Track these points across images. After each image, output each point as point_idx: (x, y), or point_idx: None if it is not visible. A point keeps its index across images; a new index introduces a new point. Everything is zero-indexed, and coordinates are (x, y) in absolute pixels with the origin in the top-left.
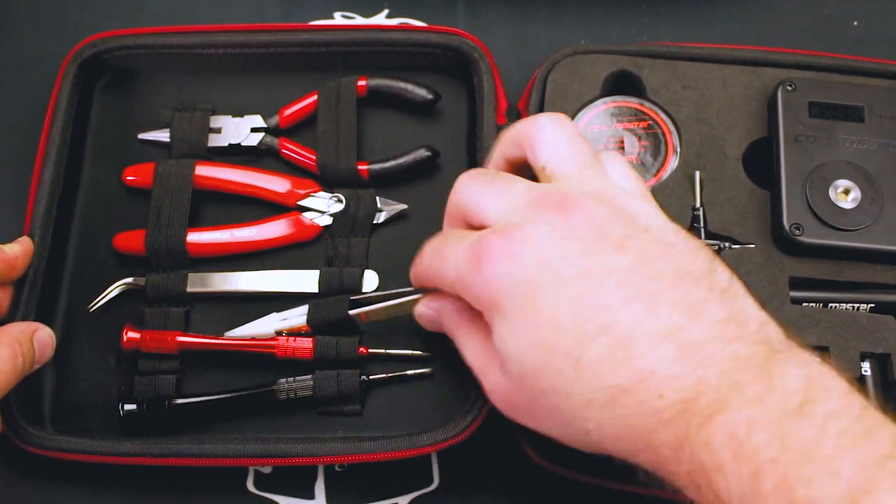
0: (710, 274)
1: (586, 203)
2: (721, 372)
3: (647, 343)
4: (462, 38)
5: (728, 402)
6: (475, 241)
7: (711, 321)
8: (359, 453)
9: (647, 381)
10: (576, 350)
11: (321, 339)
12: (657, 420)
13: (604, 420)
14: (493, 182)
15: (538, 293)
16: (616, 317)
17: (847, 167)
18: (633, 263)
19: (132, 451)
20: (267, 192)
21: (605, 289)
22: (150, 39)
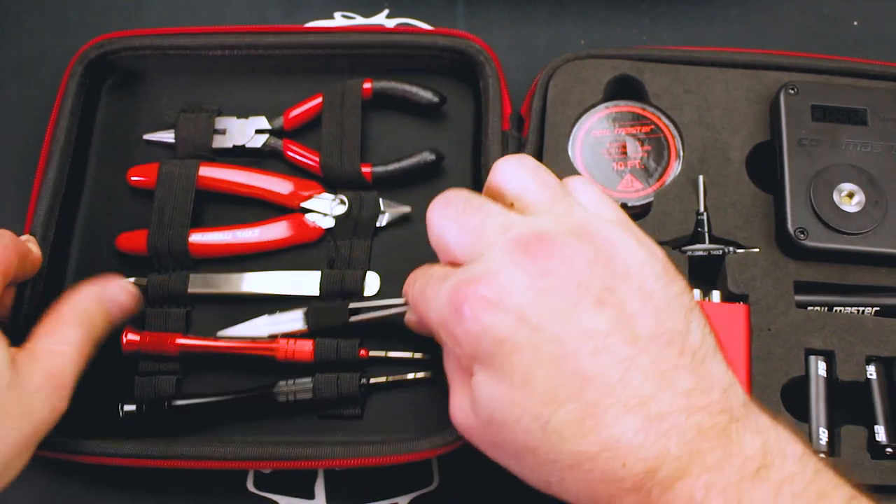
0: (684, 334)
1: (564, 244)
2: (683, 442)
3: (614, 413)
4: (469, 42)
5: (688, 470)
6: (454, 287)
7: (678, 391)
8: (358, 457)
9: (611, 450)
10: (545, 413)
11: (321, 342)
12: (619, 487)
13: (566, 479)
14: (465, 217)
15: (514, 352)
16: (588, 384)
17: (851, 170)
18: (610, 326)
19: (131, 453)
20: (270, 194)
21: (580, 355)
22: (157, 40)
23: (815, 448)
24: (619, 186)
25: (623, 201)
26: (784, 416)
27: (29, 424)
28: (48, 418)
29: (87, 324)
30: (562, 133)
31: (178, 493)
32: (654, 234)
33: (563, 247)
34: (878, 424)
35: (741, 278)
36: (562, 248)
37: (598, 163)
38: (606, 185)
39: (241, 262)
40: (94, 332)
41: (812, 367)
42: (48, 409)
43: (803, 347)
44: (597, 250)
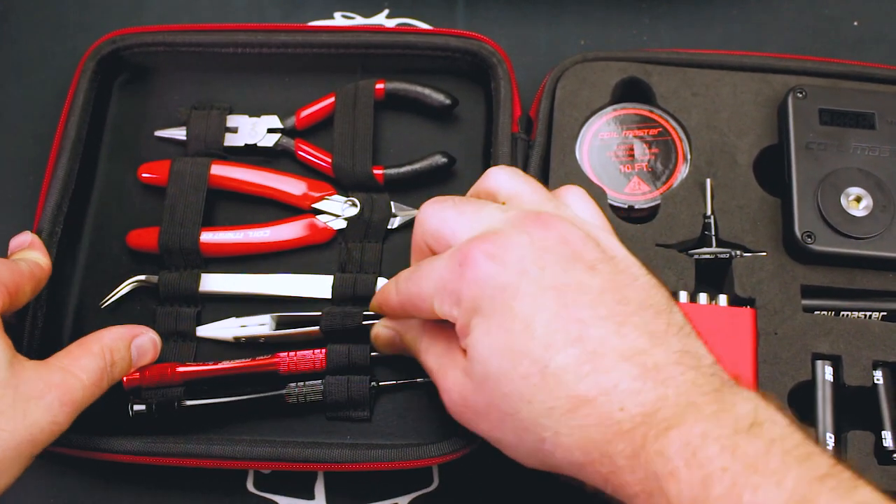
0: (669, 311)
1: (561, 222)
2: (679, 392)
3: (612, 359)
4: (482, 44)
5: (684, 417)
6: (457, 248)
7: (671, 350)
8: (367, 461)
9: (609, 394)
10: (544, 357)
11: (333, 348)
12: (616, 430)
13: (561, 428)
14: (462, 205)
15: (516, 298)
16: (586, 331)
17: (858, 174)
18: (604, 285)
19: (141, 450)
20: (282, 194)
21: (579, 304)
22: (169, 37)
23: None
24: (627, 189)
25: (630, 204)
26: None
27: (24, 429)
28: (46, 429)
29: (108, 360)
30: (569, 135)
31: (179, 493)
32: (661, 237)
33: (559, 223)
34: (885, 430)
35: (748, 282)
36: (558, 224)
37: (605, 165)
38: (613, 188)
39: (252, 261)
40: (114, 372)
41: (819, 371)
42: (48, 418)
43: (810, 352)
44: (587, 234)
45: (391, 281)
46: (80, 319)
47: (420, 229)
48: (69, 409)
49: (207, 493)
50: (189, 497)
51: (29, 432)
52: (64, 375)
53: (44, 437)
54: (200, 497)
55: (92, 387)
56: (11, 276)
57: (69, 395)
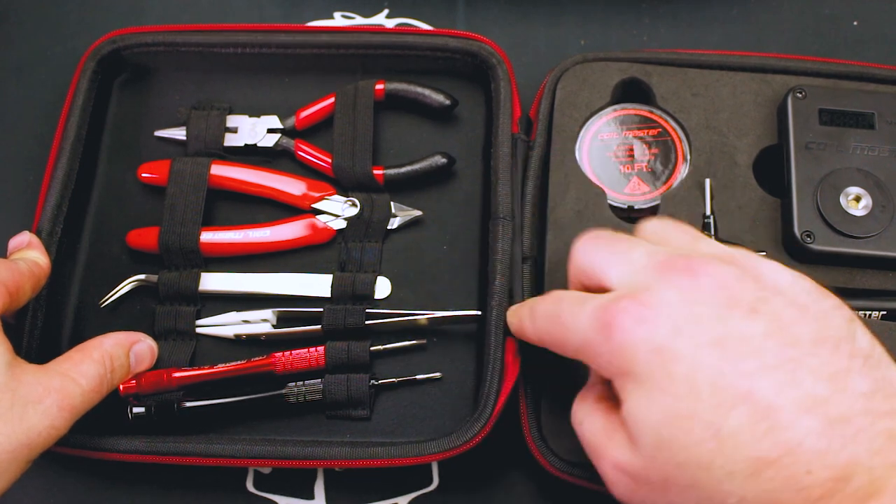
0: (850, 339)
1: (711, 264)
2: (873, 450)
3: (790, 413)
4: (482, 44)
5: (883, 485)
6: (602, 306)
7: (857, 393)
8: (366, 458)
9: (794, 455)
10: (716, 419)
11: (332, 345)
12: (805, 497)
13: (747, 494)
14: (614, 244)
15: (674, 360)
16: (755, 384)
17: (858, 174)
18: (768, 329)
19: (141, 449)
20: (282, 194)
21: (742, 356)
22: (169, 37)
23: None
24: (626, 189)
25: (630, 204)
26: None
27: (21, 433)
28: (44, 433)
29: (108, 367)
30: (569, 136)
31: (179, 493)
32: None
33: (710, 265)
34: None
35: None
36: (709, 267)
37: (605, 165)
38: (613, 188)
39: (252, 261)
40: (113, 378)
41: None
42: (45, 423)
43: None
44: (743, 270)
45: (526, 305)
46: (80, 319)
47: (572, 263)
48: (67, 415)
49: (207, 493)
50: (189, 497)
51: (27, 436)
52: (63, 380)
53: (41, 442)
54: (200, 497)
55: (91, 392)
56: (11, 276)
57: (68, 400)
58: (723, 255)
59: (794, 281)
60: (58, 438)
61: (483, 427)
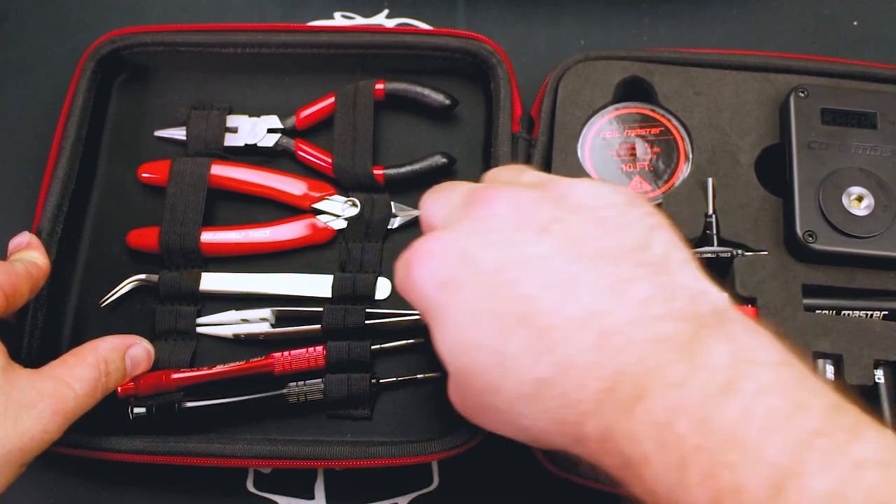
0: (641, 249)
1: (510, 191)
2: (641, 357)
3: (564, 331)
4: (481, 44)
5: (649, 389)
6: (408, 250)
7: (633, 301)
8: (367, 458)
9: (567, 373)
10: (498, 345)
11: (333, 345)
12: (580, 412)
13: (534, 414)
14: (440, 190)
15: (458, 291)
16: (533, 306)
17: (860, 174)
18: (553, 249)
19: (141, 449)
20: (282, 194)
21: (521, 279)
22: (169, 37)
23: None
24: (628, 188)
25: None
26: None
27: (14, 437)
28: (37, 437)
29: (103, 371)
30: (571, 134)
31: (179, 493)
32: None
33: (511, 192)
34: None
35: (749, 281)
36: (510, 194)
37: (607, 164)
38: None
39: (252, 261)
40: (108, 382)
41: (820, 370)
42: (38, 427)
43: (811, 351)
44: (546, 192)
45: None
46: (80, 319)
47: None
48: (61, 419)
49: (207, 493)
50: (189, 497)
51: (20, 440)
52: (57, 384)
53: (34, 446)
54: (200, 497)
55: (85, 397)
56: (7, 278)
57: (61, 405)
58: (534, 181)
59: (601, 196)
60: (51, 443)
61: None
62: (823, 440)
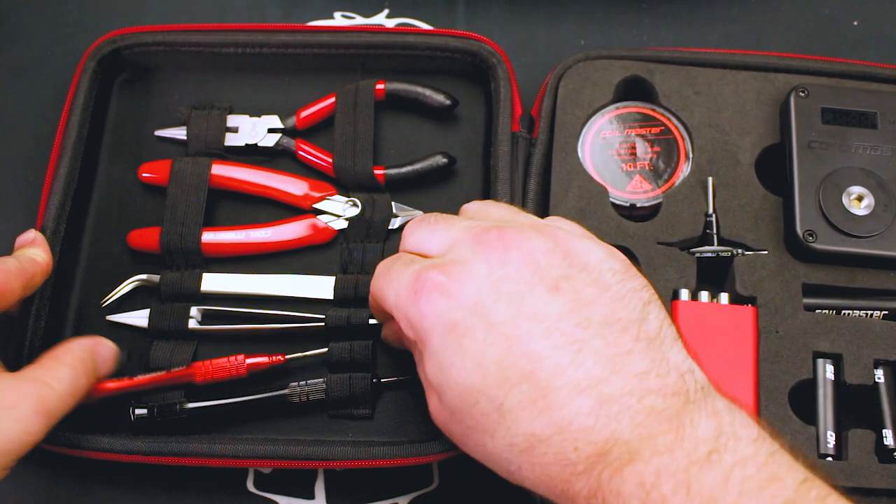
0: (640, 322)
1: (526, 236)
2: (634, 424)
3: (566, 394)
4: (481, 44)
5: (639, 454)
6: (417, 271)
7: (631, 373)
8: (369, 458)
9: (563, 433)
10: (499, 395)
11: (335, 345)
12: (571, 471)
13: (523, 464)
14: (437, 222)
15: (467, 336)
16: (539, 364)
17: (860, 174)
18: (563, 310)
19: (143, 450)
20: (283, 194)
21: (532, 337)
22: (170, 37)
23: (822, 451)
24: (628, 187)
25: (632, 202)
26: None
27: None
28: (17, 439)
29: (80, 370)
30: (571, 134)
31: (179, 493)
32: (662, 236)
33: (522, 238)
34: (885, 428)
35: (749, 280)
36: (521, 239)
37: (607, 163)
38: (615, 186)
39: (253, 262)
40: (85, 381)
41: (820, 370)
42: (19, 428)
43: (811, 350)
44: (555, 243)
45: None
46: (82, 319)
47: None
48: (44, 420)
49: (207, 493)
50: (189, 497)
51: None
52: (38, 385)
53: (14, 448)
54: (200, 497)
55: (66, 396)
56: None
57: (43, 405)
58: (541, 225)
59: (603, 259)
60: (34, 444)
61: None
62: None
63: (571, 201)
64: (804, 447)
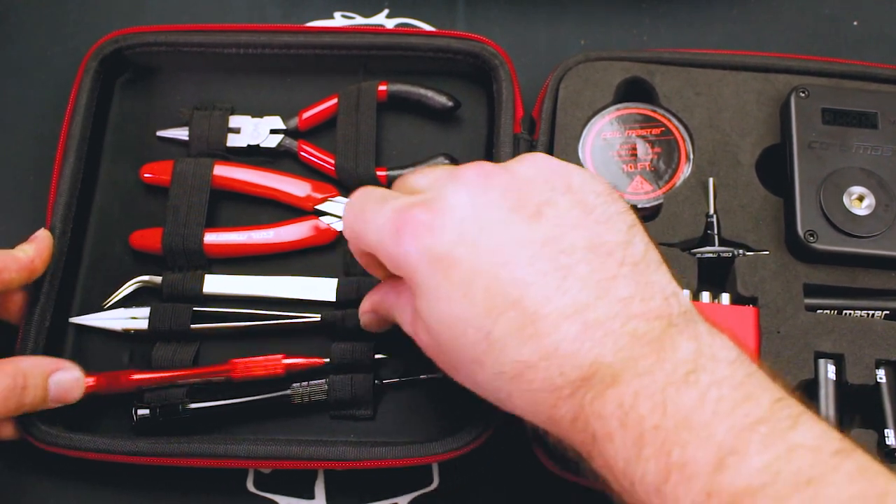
0: (625, 246)
1: (505, 165)
2: (617, 348)
3: (553, 320)
4: (483, 45)
5: (620, 376)
6: (397, 209)
7: (616, 298)
8: (371, 459)
9: (549, 359)
10: (486, 323)
11: (337, 346)
12: (557, 396)
13: (513, 391)
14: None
15: (453, 267)
16: (526, 291)
17: (861, 174)
18: (548, 235)
19: (146, 451)
20: (285, 195)
21: (518, 263)
22: (172, 37)
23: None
24: (629, 188)
25: (633, 203)
26: None
27: None
28: None
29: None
30: (572, 135)
31: (179, 493)
32: (663, 236)
33: (502, 167)
34: (887, 428)
35: (751, 281)
36: (501, 168)
37: (608, 165)
38: (616, 187)
39: (255, 263)
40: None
41: (821, 370)
42: None
43: (812, 350)
44: (538, 169)
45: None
46: None
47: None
48: None
49: (207, 493)
50: (189, 497)
51: None
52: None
53: None
54: (200, 497)
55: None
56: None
57: None
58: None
59: (585, 181)
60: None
61: (487, 427)
62: (765, 427)
63: None
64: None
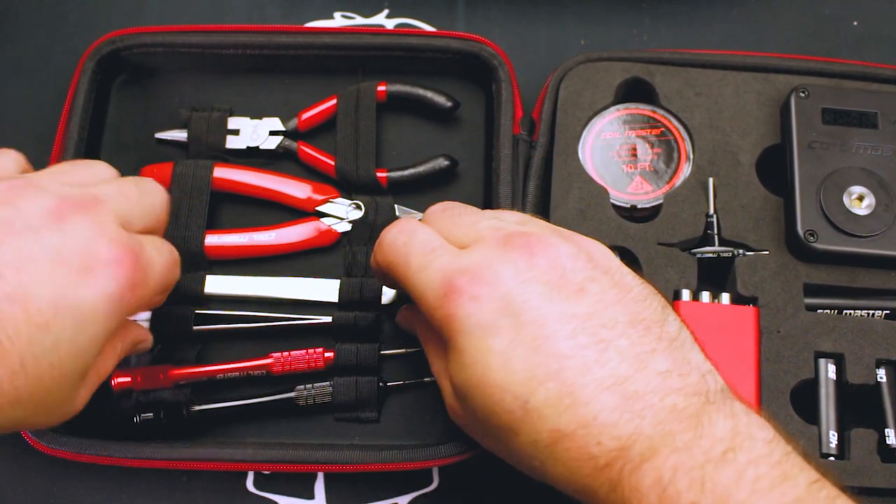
0: (662, 323)
1: (550, 241)
2: (657, 422)
3: (591, 391)
4: (482, 45)
5: (658, 450)
6: (447, 273)
7: (655, 372)
8: (376, 462)
9: (587, 427)
10: (525, 393)
11: (342, 347)
12: (594, 465)
13: (546, 460)
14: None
15: (494, 336)
16: (566, 363)
17: (861, 173)
18: (590, 310)
19: (150, 456)
20: (286, 197)
21: (559, 336)
22: (169, 38)
23: (825, 451)
24: (629, 188)
25: (633, 203)
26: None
27: None
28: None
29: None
30: (572, 135)
31: (179, 493)
32: (663, 236)
33: (548, 244)
34: (888, 428)
35: (751, 281)
36: (547, 244)
37: (608, 165)
38: (616, 187)
39: (256, 264)
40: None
41: (822, 369)
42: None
43: (813, 350)
44: (579, 248)
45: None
46: None
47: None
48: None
49: (207, 493)
50: (189, 496)
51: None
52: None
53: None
54: (200, 497)
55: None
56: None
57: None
58: (563, 230)
59: (620, 265)
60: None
61: None
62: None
63: (572, 203)
64: (806, 447)
